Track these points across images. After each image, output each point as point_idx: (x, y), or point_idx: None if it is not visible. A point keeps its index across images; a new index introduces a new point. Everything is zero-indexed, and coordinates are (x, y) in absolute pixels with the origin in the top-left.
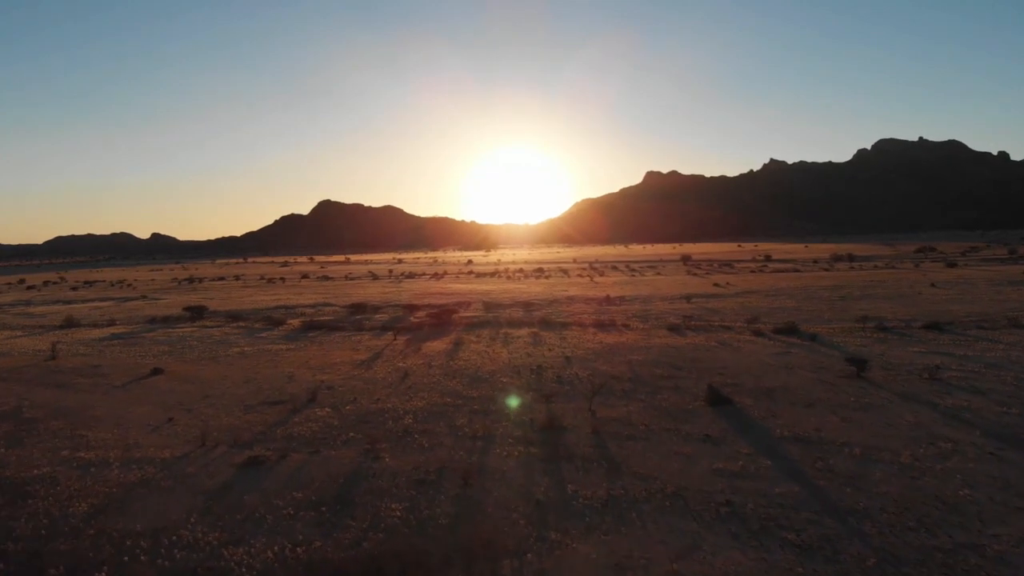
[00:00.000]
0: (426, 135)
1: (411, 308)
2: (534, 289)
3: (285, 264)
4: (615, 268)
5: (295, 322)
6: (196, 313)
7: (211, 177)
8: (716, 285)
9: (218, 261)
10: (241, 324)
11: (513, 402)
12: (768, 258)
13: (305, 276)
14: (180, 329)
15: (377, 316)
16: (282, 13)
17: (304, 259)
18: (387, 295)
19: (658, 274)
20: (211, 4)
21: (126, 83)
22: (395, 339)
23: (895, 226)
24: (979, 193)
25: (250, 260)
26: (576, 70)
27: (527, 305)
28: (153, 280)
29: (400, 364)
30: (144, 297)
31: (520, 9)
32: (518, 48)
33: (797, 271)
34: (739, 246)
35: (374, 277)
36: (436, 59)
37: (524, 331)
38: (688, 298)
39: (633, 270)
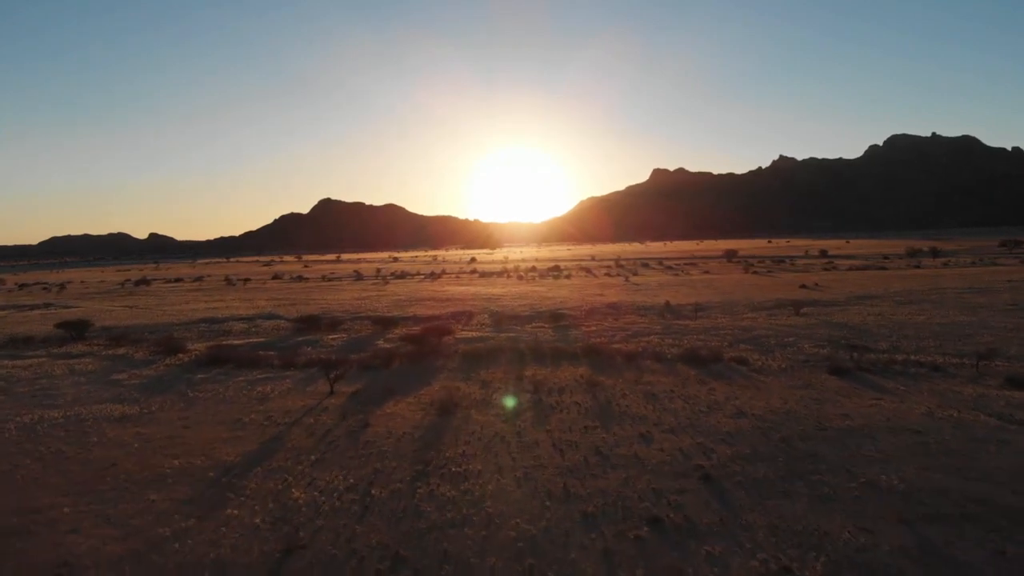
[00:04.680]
0: (429, 134)
1: (385, 323)
2: (558, 293)
3: (269, 263)
4: (646, 266)
5: (199, 348)
6: (74, 331)
7: (211, 177)
8: (804, 287)
9: (199, 261)
10: (117, 352)
11: None
12: (825, 254)
13: (276, 277)
14: (20, 360)
15: (330, 337)
16: (282, 12)
17: (291, 258)
18: (362, 302)
19: (706, 272)
20: (211, 4)
21: (126, 83)
22: (331, 393)
23: (914, 223)
24: (994, 188)
25: (233, 260)
26: (581, 67)
27: (556, 318)
28: (103, 282)
29: (296, 495)
30: (50, 305)
31: (524, 6)
32: (522, 45)
33: (883, 268)
34: (769, 242)
35: (358, 277)
36: (439, 58)
37: (567, 373)
38: (796, 308)
39: (671, 268)
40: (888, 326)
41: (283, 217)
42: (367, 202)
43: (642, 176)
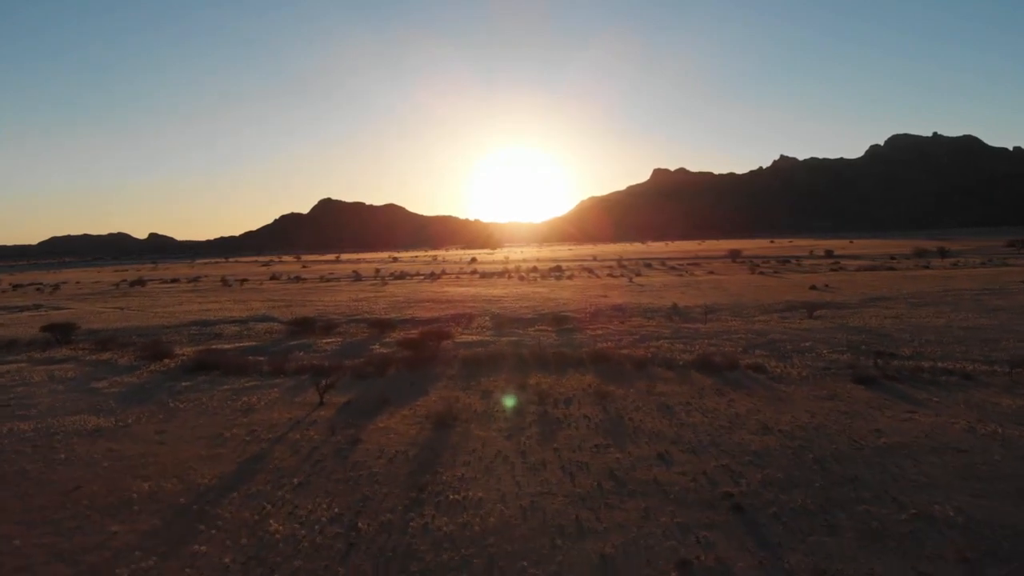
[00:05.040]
0: (429, 134)
1: (382, 326)
2: (560, 294)
3: (268, 263)
4: (649, 266)
5: (186, 352)
6: (60, 335)
7: (211, 177)
8: (814, 289)
9: (198, 261)
10: (101, 357)
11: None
12: (830, 254)
13: (274, 277)
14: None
15: (324, 341)
16: (282, 12)
17: (290, 258)
18: (359, 303)
19: (711, 273)
20: (211, 4)
21: (126, 83)
22: (321, 403)
23: (914, 223)
24: (995, 188)
25: (232, 260)
26: (581, 67)
27: (559, 320)
28: (98, 282)
29: (274, 528)
30: (40, 307)
31: (524, 6)
32: (522, 45)
33: (892, 269)
34: (772, 242)
35: (356, 278)
36: (439, 57)
37: (574, 382)
38: (809, 310)
39: (674, 268)
40: (907, 330)
41: (283, 217)
42: (367, 202)
43: (643, 176)
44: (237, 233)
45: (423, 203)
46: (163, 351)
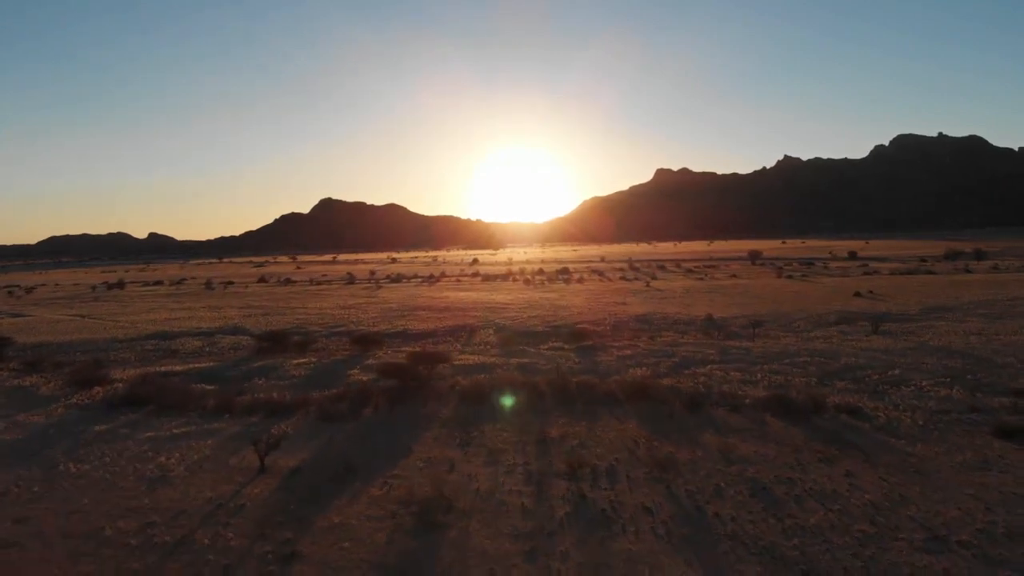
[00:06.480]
0: (430, 133)
1: (366, 342)
2: (572, 300)
3: (262, 264)
4: (663, 268)
5: (125, 377)
6: None
7: (211, 177)
8: (859, 296)
9: (191, 262)
10: (26, 381)
11: None
12: (855, 256)
13: (263, 280)
14: None
15: (295, 361)
16: (282, 12)
17: (286, 259)
18: (346, 311)
19: (733, 276)
20: (211, 4)
21: (126, 83)
22: (262, 468)
23: (915, 223)
24: (998, 188)
25: (226, 260)
26: (582, 67)
27: (577, 336)
28: (78, 284)
29: None
30: None
31: (524, 6)
32: (522, 45)
33: (931, 272)
34: (783, 242)
35: (349, 281)
36: (439, 57)
37: (612, 434)
38: (873, 324)
39: (691, 272)
40: (1006, 352)
41: (283, 217)
42: (368, 202)
43: (645, 176)
44: (237, 233)
45: (424, 203)
46: (95, 376)
